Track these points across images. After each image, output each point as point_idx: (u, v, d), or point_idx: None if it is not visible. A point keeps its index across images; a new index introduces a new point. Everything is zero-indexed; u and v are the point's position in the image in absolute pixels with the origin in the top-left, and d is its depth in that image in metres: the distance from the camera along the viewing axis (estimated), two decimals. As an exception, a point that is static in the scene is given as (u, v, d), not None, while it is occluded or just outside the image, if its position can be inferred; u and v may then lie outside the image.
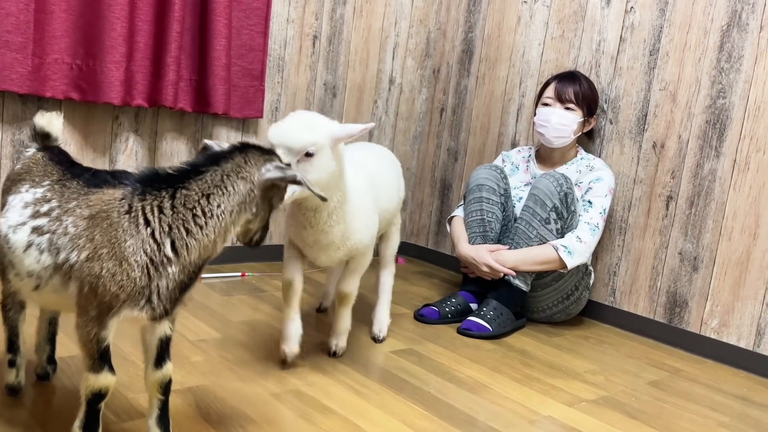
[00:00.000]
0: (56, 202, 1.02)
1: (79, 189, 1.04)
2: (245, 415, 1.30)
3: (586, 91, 2.16)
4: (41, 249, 1.00)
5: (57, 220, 1.00)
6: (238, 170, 1.02)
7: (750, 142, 1.97)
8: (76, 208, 1.00)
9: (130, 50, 2.04)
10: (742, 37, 1.99)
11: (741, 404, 1.71)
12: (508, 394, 1.57)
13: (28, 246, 1.01)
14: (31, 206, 1.03)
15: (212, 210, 0.99)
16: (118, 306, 0.96)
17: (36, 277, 1.01)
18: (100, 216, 0.97)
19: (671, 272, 2.14)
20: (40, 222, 1.01)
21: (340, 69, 2.66)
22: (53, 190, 1.04)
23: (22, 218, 1.02)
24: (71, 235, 0.98)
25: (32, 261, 1.01)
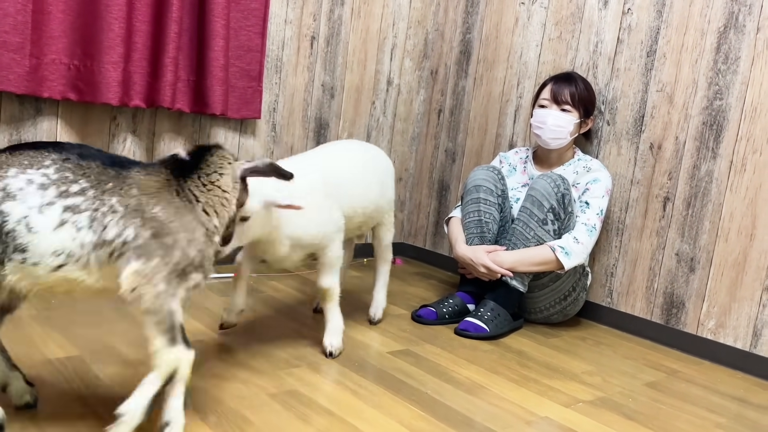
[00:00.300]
0: (86, 182, 1.05)
1: (104, 170, 1.08)
2: (242, 415, 1.30)
3: (583, 93, 2.16)
4: (79, 227, 1.03)
5: (96, 199, 1.04)
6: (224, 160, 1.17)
7: (747, 143, 1.98)
8: (116, 188, 1.06)
9: (128, 51, 2.04)
10: (738, 39, 2.00)
11: (738, 405, 1.72)
12: (506, 395, 1.58)
13: (61, 224, 1.02)
14: (53, 186, 1.03)
15: (227, 191, 1.15)
16: (190, 273, 1.05)
17: (66, 255, 1.03)
18: (155, 196, 1.07)
19: (668, 273, 2.15)
20: (73, 201, 1.03)
21: (338, 70, 2.66)
22: (69, 169, 1.06)
23: (46, 199, 1.03)
24: (122, 214, 1.04)
25: (66, 238, 1.02)
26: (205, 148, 1.17)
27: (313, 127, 2.63)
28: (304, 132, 2.61)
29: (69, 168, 1.06)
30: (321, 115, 2.65)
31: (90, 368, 1.43)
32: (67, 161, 1.07)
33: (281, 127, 2.54)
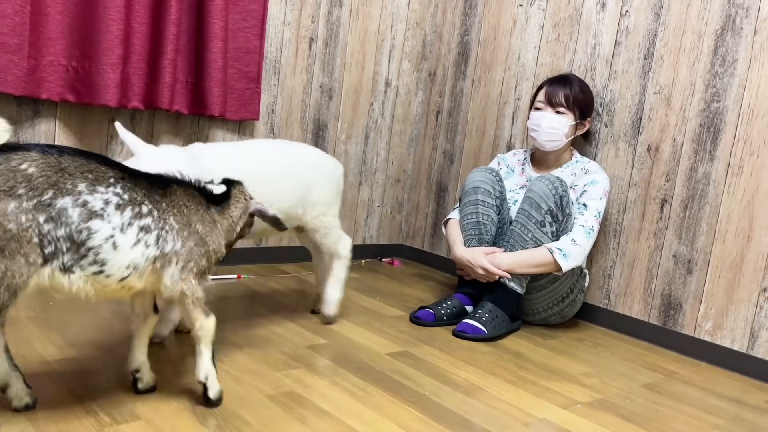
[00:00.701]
0: (149, 203, 1.20)
1: (154, 189, 1.22)
2: (241, 417, 1.30)
3: (578, 95, 2.16)
4: (148, 244, 1.19)
5: (160, 219, 1.21)
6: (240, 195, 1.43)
7: (744, 145, 1.98)
8: (170, 207, 1.24)
9: (126, 52, 2.04)
10: (736, 41, 2.00)
11: (735, 407, 1.72)
12: (503, 397, 1.58)
13: (137, 243, 1.17)
14: (129, 208, 1.16)
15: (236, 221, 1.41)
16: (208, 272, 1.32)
17: (133, 268, 1.18)
18: (195, 214, 1.29)
19: (666, 275, 2.15)
20: (145, 222, 1.19)
21: (336, 71, 2.66)
22: (132, 189, 1.18)
23: (125, 219, 1.15)
24: (176, 230, 1.24)
25: (137, 255, 1.17)
26: (230, 183, 1.41)
27: (312, 129, 2.63)
28: (303, 133, 2.61)
29: (131, 188, 1.18)
30: (319, 116, 2.65)
31: (88, 369, 1.43)
32: (124, 179, 1.17)
33: (279, 128, 2.54)
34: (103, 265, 1.13)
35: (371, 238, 2.95)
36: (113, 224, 1.13)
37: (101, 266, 1.13)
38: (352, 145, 2.79)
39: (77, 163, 1.12)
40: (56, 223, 1.08)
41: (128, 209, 1.16)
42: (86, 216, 1.10)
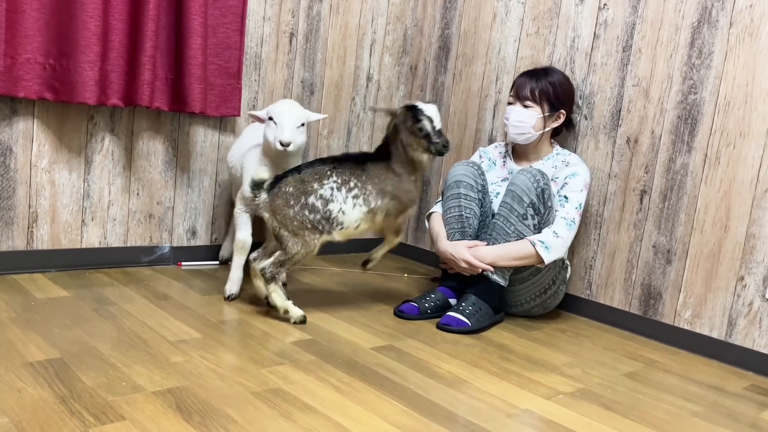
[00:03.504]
0: (354, 179, 1.91)
1: (356, 167, 1.93)
2: (226, 414, 1.31)
3: (545, 87, 2.16)
4: (361, 205, 1.91)
5: (364, 188, 1.91)
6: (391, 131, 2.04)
7: (720, 136, 2.01)
8: (369, 178, 1.92)
9: (105, 49, 2.02)
10: (712, 34, 2.03)
11: (714, 394, 1.76)
12: (487, 389, 1.60)
13: (354, 206, 1.91)
14: (344, 187, 1.90)
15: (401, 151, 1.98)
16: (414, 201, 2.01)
17: (360, 220, 1.93)
18: (385, 177, 1.93)
19: (646, 265, 2.18)
20: (354, 192, 1.91)
21: (317, 66, 2.66)
22: (342, 173, 1.91)
23: (343, 195, 1.90)
24: (375, 193, 1.92)
25: (358, 212, 1.92)
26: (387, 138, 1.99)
27: (293, 124, 2.62)
28: (284, 129, 2.60)
29: (340, 172, 1.91)
30: (301, 111, 2.64)
31: (72, 370, 1.42)
32: (336, 168, 1.91)
33: (261, 124, 2.53)
34: (342, 224, 1.91)
35: (355, 232, 2.95)
36: (339, 202, 1.89)
37: (341, 225, 1.91)
38: (334, 139, 2.79)
39: (309, 172, 1.90)
40: (313, 212, 1.88)
41: (343, 188, 1.89)
42: (324, 203, 1.88)
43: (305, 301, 2.13)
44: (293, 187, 1.87)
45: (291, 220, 1.86)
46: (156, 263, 2.35)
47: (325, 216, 1.88)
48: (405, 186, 1.94)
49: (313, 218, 1.87)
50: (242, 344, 1.70)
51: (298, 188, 1.87)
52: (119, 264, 2.27)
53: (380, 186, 1.91)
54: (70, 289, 1.98)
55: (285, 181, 1.88)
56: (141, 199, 2.29)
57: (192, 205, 2.41)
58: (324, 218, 1.88)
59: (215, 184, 2.45)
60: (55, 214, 2.13)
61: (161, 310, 1.89)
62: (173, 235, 2.39)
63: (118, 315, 1.80)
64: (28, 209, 2.08)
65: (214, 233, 2.49)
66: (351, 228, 1.92)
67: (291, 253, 1.87)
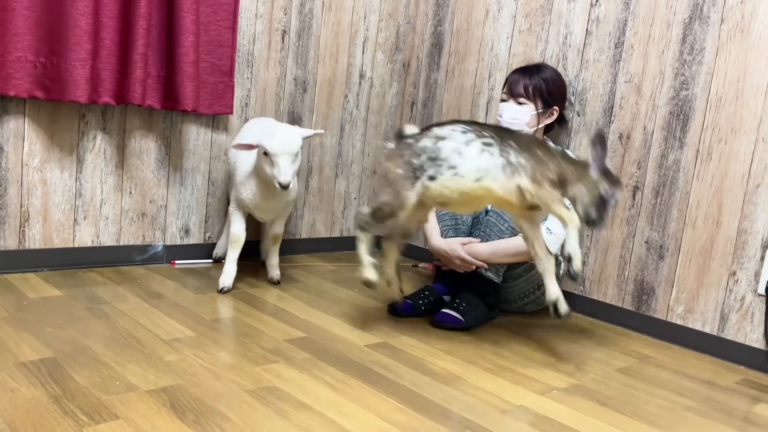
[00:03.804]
0: (489, 134, 1.65)
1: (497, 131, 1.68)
2: (221, 413, 1.31)
3: (538, 84, 2.16)
4: (492, 154, 1.63)
5: (501, 141, 1.64)
6: None
7: (712, 132, 2.02)
8: (508, 138, 1.65)
9: (96, 47, 2.01)
10: (703, 30, 2.04)
11: (707, 388, 1.77)
12: (482, 385, 1.60)
13: (481, 152, 1.62)
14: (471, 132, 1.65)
15: None
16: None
17: (485, 171, 1.62)
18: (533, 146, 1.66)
19: (638, 261, 2.19)
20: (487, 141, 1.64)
21: (310, 64, 2.65)
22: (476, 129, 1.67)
23: (468, 138, 1.64)
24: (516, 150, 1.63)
25: (485, 160, 1.62)
26: None
27: (286, 122, 2.62)
28: (277, 127, 2.59)
29: (475, 129, 1.66)
30: (294, 109, 2.64)
31: (65, 370, 1.42)
32: (469, 125, 1.67)
33: (254, 122, 2.52)
34: (455, 168, 1.62)
35: (348, 230, 2.95)
36: (456, 141, 1.62)
37: (454, 169, 1.61)
38: (327, 137, 2.78)
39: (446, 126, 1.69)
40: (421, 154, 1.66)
41: (471, 133, 1.63)
42: (435, 141, 1.64)
43: (299, 299, 2.13)
44: (413, 139, 1.69)
45: (394, 167, 1.67)
46: (149, 262, 2.34)
47: (431, 156, 1.64)
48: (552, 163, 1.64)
49: (416, 163, 1.65)
50: (236, 342, 1.70)
51: (416, 137, 1.69)
52: (112, 263, 2.26)
53: (526, 147, 1.64)
54: (62, 288, 1.97)
55: (413, 135, 1.71)
56: (134, 197, 2.28)
57: (185, 204, 2.41)
58: (430, 158, 1.64)
59: (208, 182, 2.45)
60: (47, 213, 2.12)
61: (155, 308, 1.88)
62: (166, 234, 2.38)
63: (111, 314, 1.80)
64: (19, 208, 2.06)
65: (207, 231, 2.48)
66: (469, 176, 1.62)
67: (378, 201, 1.70)
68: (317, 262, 2.66)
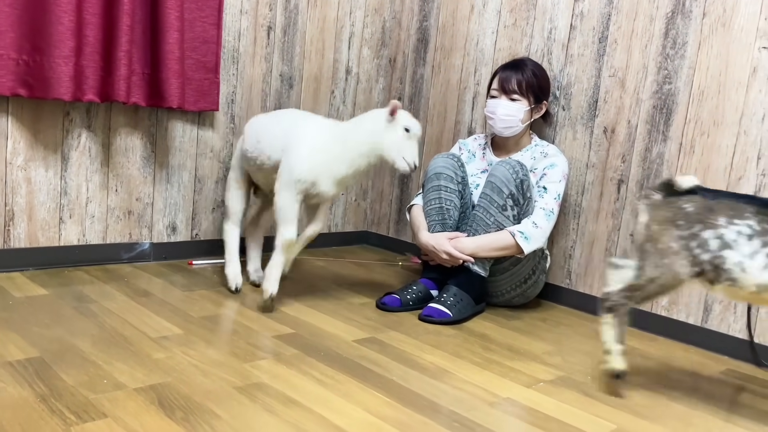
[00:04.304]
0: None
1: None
2: (210, 410, 1.31)
3: (530, 79, 2.18)
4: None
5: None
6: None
7: (695, 126, 2.04)
8: None
9: (79, 44, 2.00)
10: (686, 24, 2.06)
11: (691, 378, 1.79)
12: (469, 379, 1.61)
13: (765, 267, 1.41)
14: (758, 237, 1.42)
15: None
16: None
17: (764, 287, 1.43)
18: None
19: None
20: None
21: (295, 60, 2.65)
22: (763, 220, 1.43)
23: (754, 248, 1.42)
24: None
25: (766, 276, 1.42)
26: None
27: (273, 118, 2.62)
28: (264, 123, 2.59)
29: (764, 219, 1.42)
30: (280, 105, 2.64)
31: (52, 369, 1.41)
32: (762, 214, 1.43)
33: (240, 118, 2.52)
34: (734, 281, 1.45)
35: (336, 226, 2.95)
36: (741, 253, 1.43)
37: (732, 282, 1.45)
38: (314, 133, 2.78)
39: (722, 202, 1.47)
40: (701, 248, 1.47)
41: (757, 240, 1.42)
42: (720, 246, 1.45)
43: (287, 295, 2.13)
44: (694, 209, 1.49)
45: (668, 240, 1.50)
46: (136, 260, 2.33)
47: (712, 261, 1.47)
48: None
49: (697, 254, 1.48)
50: (224, 339, 1.70)
51: (698, 213, 1.49)
52: (99, 261, 2.25)
53: None
54: (48, 287, 1.96)
55: (689, 198, 1.51)
56: (119, 195, 2.27)
57: (171, 201, 2.40)
58: (710, 262, 1.47)
59: (195, 180, 2.44)
60: (32, 211, 2.10)
61: (142, 306, 1.88)
62: (153, 232, 2.37)
63: (98, 312, 1.79)
64: (4, 207, 2.05)
65: (194, 229, 2.47)
66: (746, 290, 1.45)
67: (647, 276, 1.52)
68: (305, 257, 2.67)
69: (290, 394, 1.42)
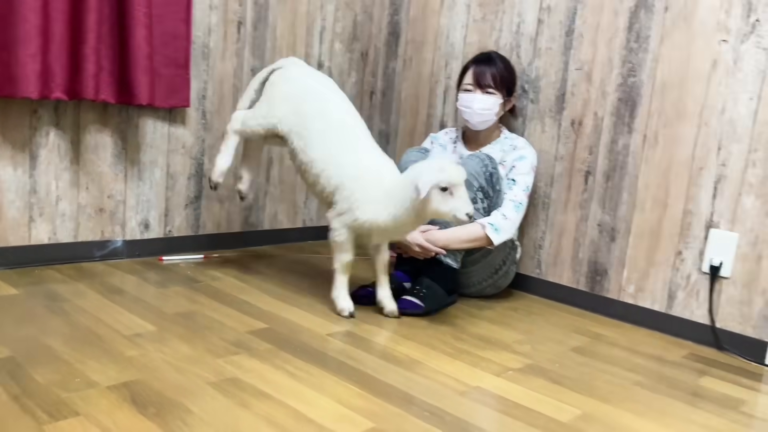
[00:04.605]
0: None
1: None
2: (183, 406, 1.32)
3: (503, 73, 2.22)
4: None
5: None
6: None
7: (658, 118, 2.09)
8: None
9: (46, 42, 1.98)
10: (649, 18, 2.10)
11: (655, 363, 1.85)
12: (441, 369, 1.65)
13: None
14: None
15: None
16: None
17: None
18: None
19: (591, 243, 2.26)
20: None
21: (267, 54, 2.65)
22: None
23: None
24: None
25: None
26: None
27: (245, 114, 2.62)
28: (236, 118, 2.59)
29: None
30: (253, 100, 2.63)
31: (24, 368, 1.41)
32: None
33: (212, 114, 2.51)
34: None
35: (311, 220, 2.97)
36: None
37: None
38: (286, 128, 2.78)
39: None
40: None
41: None
42: None
43: (262, 290, 2.14)
44: None
45: None
46: (109, 257, 2.33)
47: None
48: None
49: None
50: (198, 335, 1.71)
51: None
52: (71, 260, 2.24)
53: None
54: (19, 287, 1.95)
55: None
56: (90, 193, 2.26)
57: (144, 198, 2.39)
58: None
59: (167, 176, 2.43)
60: (1, 211, 2.08)
61: (115, 304, 1.88)
62: (126, 229, 2.37)
63: (70, 311, 1.79)
64: (-28, 207, 2.03)
65: (167, 225, 2.47)
66: None
67: None
68: (280, 253, 2.68)
69: (263, 388, 1.44)
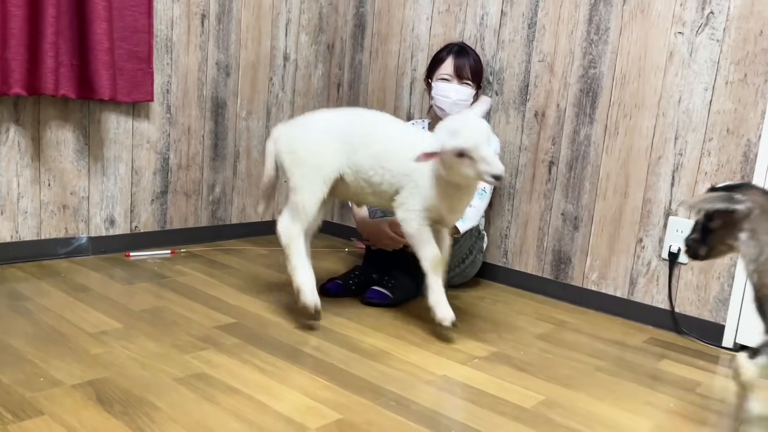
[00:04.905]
0: None
1: None
2: (149, 402, 1.33)
3: (477, 65, 2.26)
4: None
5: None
6: None
7: (618, 108, 2.14)
8: None
9: (4, 37, 1.94)
10: (608, 11, 2.14)
11: (617, 348, 1.90)
12: (408, 358, 1.67)
13: None
14: None
15: None
16: None
17: None
18: None
19: (555, 232, 2.31)
20: None
21: (231, 47, 2.63)
22: None
23: None
24: None
25: None
26: None
27: (210, 107, 2.60)
28: (201, 112, 2.57)
29: None
30: (217, 93, 2.62)
31: (-14, 370, 1.40)
32: None
33: (176, 108, 2.49)
34: None
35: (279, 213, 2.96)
36: None
37: None
38: (253, 121, 2.78)
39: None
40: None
41: None
42: None
43: (229, 285, 2.14)
44: None
45: None
46: (74, 255, 2.30)
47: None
48: None
49: None
50: (165, 332, 1.71)
51: None
52: (34, 258, 2.21)
53: None
54: (-19, 286, 1.92)
55: None
56: (53, 189, 2.23)
57: (108, 194, 2.37)
58: None
59: (132, 171, 2.41)
60: (-39, 209, 2.05)
61: (80, 302, 1.86)
62: (90, 225, 2.34)
63: (34, 310, 1.77)
64: (-71, 206, 1.99)
65: (133, 221, 2.45)
66: None
67: None
68: (248, 246, 2.67)
69: (230, 383, 1.44)
